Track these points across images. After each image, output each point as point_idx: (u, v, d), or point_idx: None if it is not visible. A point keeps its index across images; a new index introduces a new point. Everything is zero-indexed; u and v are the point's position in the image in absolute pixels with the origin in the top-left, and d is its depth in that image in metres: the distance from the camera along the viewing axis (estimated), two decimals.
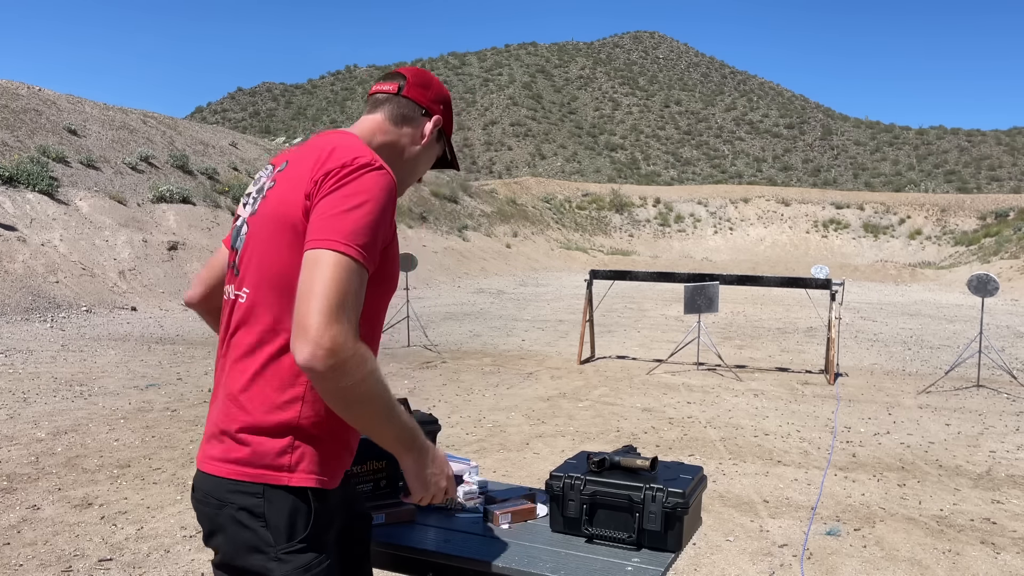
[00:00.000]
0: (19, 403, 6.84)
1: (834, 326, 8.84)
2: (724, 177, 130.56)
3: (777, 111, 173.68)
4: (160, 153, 19.99)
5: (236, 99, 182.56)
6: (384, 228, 1.47)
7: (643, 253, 38.90)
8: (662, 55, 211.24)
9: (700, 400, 7.78)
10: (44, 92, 20.15)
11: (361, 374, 1.38)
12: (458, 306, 16.40)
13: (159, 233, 16.12)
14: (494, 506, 2.14)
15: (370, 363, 1.39)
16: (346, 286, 1.38)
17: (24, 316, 11.25)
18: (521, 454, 5.71)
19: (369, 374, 1.39)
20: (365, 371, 1.38)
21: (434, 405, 7.15)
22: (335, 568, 1.54)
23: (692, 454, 5.84)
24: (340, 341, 1.35)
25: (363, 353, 1.38)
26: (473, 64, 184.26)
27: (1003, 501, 4.94)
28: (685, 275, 9.64)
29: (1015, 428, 6.85)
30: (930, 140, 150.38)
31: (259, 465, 1.49)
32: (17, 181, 14.62)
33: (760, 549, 4.10)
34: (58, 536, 4.04)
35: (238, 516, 1.49)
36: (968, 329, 14.23)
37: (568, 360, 9.94)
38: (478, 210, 32.79)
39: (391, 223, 1.51)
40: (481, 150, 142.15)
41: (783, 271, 29.56)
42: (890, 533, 4.36)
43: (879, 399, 7.98)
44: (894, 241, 40.77)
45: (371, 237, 1.43)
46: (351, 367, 1.36)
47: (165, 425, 6.26)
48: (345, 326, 1.36)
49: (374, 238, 1.44)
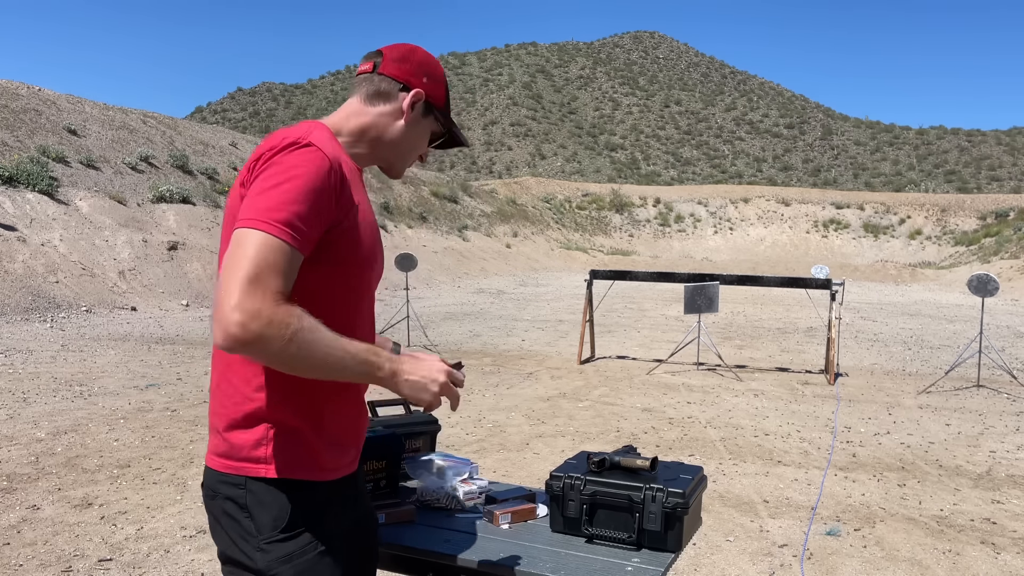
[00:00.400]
0: (19, 403, 6.84)
1: (834, 326, 8.84)
2: (724, 177, 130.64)
3: (777, 111, 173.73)
4: (160, 153, 19.99)
5: (236, 99, 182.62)
6: (314, 202, 1.42)
7: (643, 253, 38.91)
8: (662, 55, 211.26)
9: (700, 400, 7.78)
10: (44, 92, 20.16)
11: (284, 336, 1.33)
12: (458, 306, 16.40)
13: (159, 233, 16.12)
14: (494, 506, 2.14)
15: (293, 324, 1.34)
16: (260, 260, 1.35)
17: (24, 316, 11.25)
18: (521, 454, 5.71)
19: (295, 333, 1.34)
20: (288, 332, 1.33)
21: None
22: (328, 561, 1.52)
23: (692, 454, 5.83)
24: (249, 313, 1.31)
25: (281, 317, 1.33)
26: (473, 64, 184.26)
27: (1003, 501, 4.94)
28: (685, 275, 9.64)
29: (1015, 428, 6.85)
30: (930, 140, 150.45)
31: (238, 458, 1.50)
32: (17, 181, 14.62)
33: (760, 549, 4.10)
34: (58, 536, 4.04)
35: (226, 507, 1.51)
36: (968, 329, 14.23)
37: (568, 360, 9.94)
38: (478, 210, 32.79)
39: (332, 199, 1.46)
40: (481, 150, 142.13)
41: (783, 271, 29.57)
42: (890, 533, 4.36)
43: (879, 399, 7.98)
44: (894, 241, 40.78)
45: (292, 212, 1.39)
46: (271, 333, 1.32)
47: (165, 425, 6.26)
48: (256, 297, 1.33)
49: (297, 212, 1.39)
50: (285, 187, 1.40)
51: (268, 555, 1.48)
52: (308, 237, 1.41)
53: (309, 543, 1.50)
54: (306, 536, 1.50)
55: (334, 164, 1.47)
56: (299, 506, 1.50)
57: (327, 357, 1.38)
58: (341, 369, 1.41)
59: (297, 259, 1.40)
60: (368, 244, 1.57)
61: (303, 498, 1.51)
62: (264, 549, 1.48)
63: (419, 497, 2.20)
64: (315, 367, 1.39)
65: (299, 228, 1.39)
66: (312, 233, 1.42)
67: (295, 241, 1.38)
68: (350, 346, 1.42)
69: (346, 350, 1.41)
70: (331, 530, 1.55)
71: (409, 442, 2.43)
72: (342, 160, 1.54)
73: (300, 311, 1.36)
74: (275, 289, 1.35)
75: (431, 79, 1.67)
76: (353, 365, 1.42)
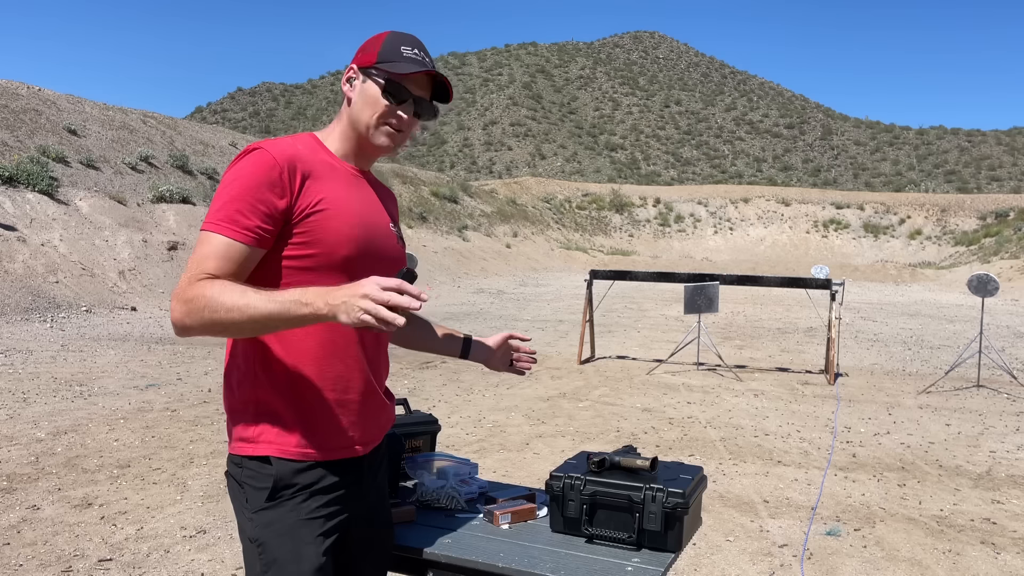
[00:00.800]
0: (19, 403, 6.84)
1: (834, 326, 8.84)
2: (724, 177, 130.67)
3: (777, 111, 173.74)
4: (160, 153, 19.99)
5: (236, 99, 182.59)
6: (255, 196, 1.53)
7: (643, 253, 38.91)
8: (662, 55, 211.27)
9: (700, 400, 7.78)
10: (44, 92, 20.16)
11: (198, 306, 1.47)
12: (458, 306, 16.40)
13: (159, 233, 16.12)
14: (494, 506, 2.14)
15: (204, 293, 1.47)
16: (198, 256, 1.52)
17: (24, 316, 11.25)
18: (521, 454, 5.71)
19: (209, 301, 1.47)
20: (203, 303, 1.47)
21: (434, 405, 7.15)
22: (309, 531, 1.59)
23: (692, 454, 5.84)
24: (174, 299, 1.50)
25: (190, 292, 1.48)
26: (473, 64, 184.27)
27: (1003, 501, 4.94)
28: (685, 275, 9.64)
29: (1015, 428, 6.85)
30: (930, 140, 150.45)
31: (237, 439, 1.66)
32: (17, 181, 14.62)
33: (760, 549, 4.10)
34: (58, 536, 4.04)
35: (230, 484, 1.68)
36: (968, 329, 14.23)
37: (568, 360, 9.94)
38: (478, 210, 32.80)
39: (280, 191, 1.55)
40: (481, 150, 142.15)
41: (783, 271, 29.57)
42: (890, 533, 4.36)
43: (879, 399, 7.98)
44: (894, 241, 40.79)
45: (232, 208, 1.53)
46: (184, 308, 1.49)
47: (165, 425, 6.26)
48: (180, 286, 1.50)
49: (237, 208, 1.53)
50: (228, 188, 1.56)
51: (254, 523, 1.61)
52: (251, 226, 1.53)
53: (291, 511, 1.60)
54: (288, 505, 1.60)
55: (281, 161, 1.57)
56: (284, 480, 1.61)
57: (241, 316, 1.47)
58: (260, 322, 1.48)
59: (237, 248, 1.53)
60: (344, 231, 1.62)
61: (287, 473, 1.61)
62: (252, 519, 1.62)
63: (419, 497, 2.20)
64: (237, 326, 1.49)
65: (238, 220, 1.53)
66: (256, 222, 1.54)
67: (233, 232, 1.52)
68: (270, 295, 1.48)
69: (258, 303, 1.47)
70: (318, 507, 1.62)
71: (409, 442, 2.43)
72: (305, 159, 1.63)
73: (209, 281, 1.49)
74: (200, 273, 1.50)
75: (362, 51, 1.72)
76: (273, 315, 1.47)
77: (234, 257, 1.53)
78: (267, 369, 1.63)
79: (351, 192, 1.69)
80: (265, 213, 1.55)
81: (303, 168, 1.60)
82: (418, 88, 1.71)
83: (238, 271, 1.54)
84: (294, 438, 1.62)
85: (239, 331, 1.51)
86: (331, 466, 1.65)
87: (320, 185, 1.62)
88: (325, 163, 1.68)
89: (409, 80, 1.69)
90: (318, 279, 1.59)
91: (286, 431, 1.62)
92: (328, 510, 1.64)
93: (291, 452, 1.62)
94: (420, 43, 1.73)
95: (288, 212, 1.57)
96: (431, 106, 1.75)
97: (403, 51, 1.68)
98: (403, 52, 1.68)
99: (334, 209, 1.62)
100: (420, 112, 1.73)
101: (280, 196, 1.56)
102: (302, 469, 1.62)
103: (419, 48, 1.71)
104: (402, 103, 1.69)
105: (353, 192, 1.69)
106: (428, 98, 1.74)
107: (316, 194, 1.60)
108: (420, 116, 1.74)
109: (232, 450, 1.67)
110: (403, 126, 1.71)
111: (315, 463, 1.63)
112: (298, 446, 1.62)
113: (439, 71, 1.71)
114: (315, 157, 1.67)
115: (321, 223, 1.60)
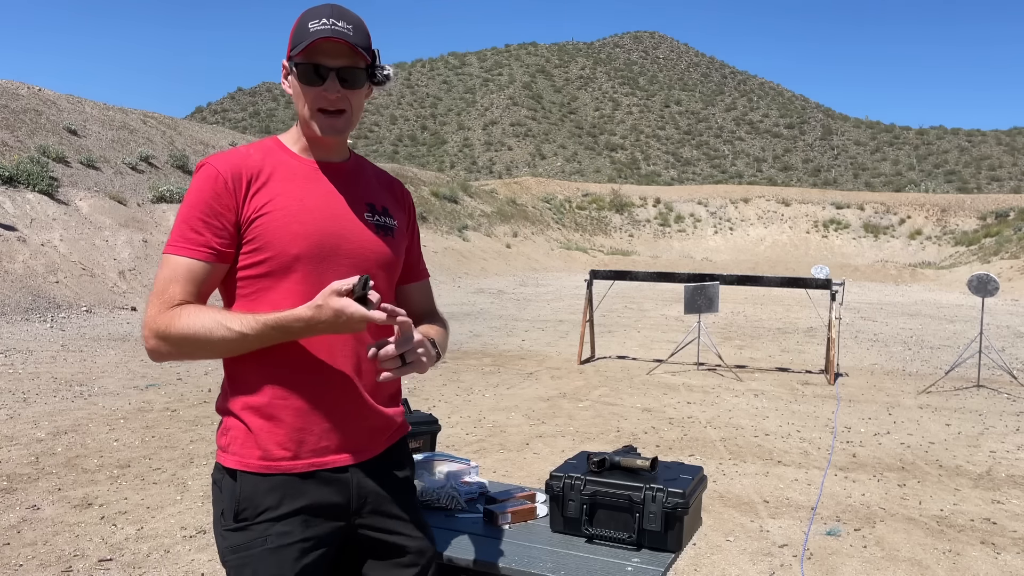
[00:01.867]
0: (19, 403, 6.84)
1: (834, 326, 8.84)
2: (724, 177, 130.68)
3: (777, 111, 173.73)
4: (160, 153, 19.99)
5: (236, 99, 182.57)
6: (203, 209, 1.55)
7: (643, 253, 38.90)
8: (662, 55, 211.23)
9: (700, 400, 7.78)
10: (44, 92, 20.15)
11: (175, 337, 1.49)
12: (458, 306, 16.40)
13: (159, 233, 16.12)
14: (494, 506, 2.14)
15: (176, 325, 1.49)
16: (159, 279, 1.55)
17: (24, 316, 11.25)
18: (521, 454, 5.71)
19: (182, 330, 1.48)
20: (176, 332, 1.49)
21: (434, 405, 7.15)
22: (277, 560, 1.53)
23: (692, 454, 5.83)
24: (146, 329, 1.53)
25: (160, 323, 1.50)
26: (473, 64, 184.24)
27: (1003, 501, 4.94)
28: (685, 275, 9.63)
29: (1015, 428, 6.85)
30: (930, 140, 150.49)
31: (216, 447, 1.66)
32: (17, 181, 14.61)
33: (760, 549, 4.10)
34: (58, 536, 4.03)
35: (213, 490, 1.65)
36: (968, 329, 14.23)
37: (568, 360, 9.94)
38: (478, 210, 32.79)
39: (227, 200, 1.55)
40: (481, 150, 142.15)
41: (783, 271, 29.57)
42: (890, 533, 4.36)
43: (879, 399, 7.98)
44: (894, 241, 40.78)
45: (184, 227, 1.55)
46: (157, 340, 1.51)
47: (165, 425, 6.26)
48: (148, 315, 1.53)
49: (189, 225, 1.55)
50: (182, 209, 1.58)
51: (224, 542, 1.58)
52: (203, 243, 1.54)
53: (256, 538, 1.55)
54: (255, 530, 1.55)
55: (225, 172, 1.57)
56: (247, 501, 1.56)
57: (218, 342, 1.49)
58: (234, 344, 1.50)
59: (195, 265, 1.54)
60: (293, 228, 1.57)
61: (252, 492, 1.57)
62: (223, 535, 1.59)
63: (419, 497, 2.20)
64: (210, 350, 1.51)
65: (191, 238, 1.54)
66: (210, 237, 1.55)
67: (188, 251, 1.54)
68: (243, 319, 1.49)
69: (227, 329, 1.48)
70: (288, 530, 1.55)
71: (409, 442, 2.43)
72: (255, 164, 1.60)
73: (179, 309, 1.50)
74: (168, 301, 1.52)
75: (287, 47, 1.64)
76: (247, 337, 1.49)
77: (195, 276, 1.54)
78: (237, 377, 1.61)
79: (308, 187, 1.62)
80: (217, 227, 1.55)
81: (250, 174, 1.58)
82: (338, 59, 1.55)
83: (202, 289, 1.55)
84: (257, 450, 1.58)
85: (215, 356, 1.53)
86: (307, 478, 1.58)
87: (271, 187, 1.59)
88: (281, 163, 1.63)
89: (320, 53, 1.54)
90: (274, 284, 1.57)
91: (250, 442, 1.58)
92: (306, 532, 1.56)
93: (253, 465, 1.57)
94: (335, 8, 1.56)
95: (238, 221, 1.57)
96: (362, 72, 1.58)
97: (310, 27, 1.54)
98: (310, 28, 1.54)
99: (282, 208, 1.58)
100: (350, 82, 1.57)
101: (227, 207, 1.56)
102: (270, 487, 1.56)
103: (329, 15, 1.54)
104: (323, 80, 1.55)
105: (311, 187, 1.63)
106: (361, 65, 1.58)
107: (265, 197, 1.58)
108: (353, 86, 1.58)
109: (217, 458, 1.66)
110: (337, 104, 1.57)
111: (283, 476, 1.57)
112: (262, 458, 1.58)
113: (345, 36, 1.53)
114: (269, 159, 1.63)
115: (268, 224, 1.56)
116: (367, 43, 1.59)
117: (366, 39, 1.59)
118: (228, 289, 1.62)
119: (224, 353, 1.54)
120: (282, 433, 1.58)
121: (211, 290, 1.58)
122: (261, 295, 1.58)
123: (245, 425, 1.59)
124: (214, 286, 1.58)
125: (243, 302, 1.59)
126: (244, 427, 1.59)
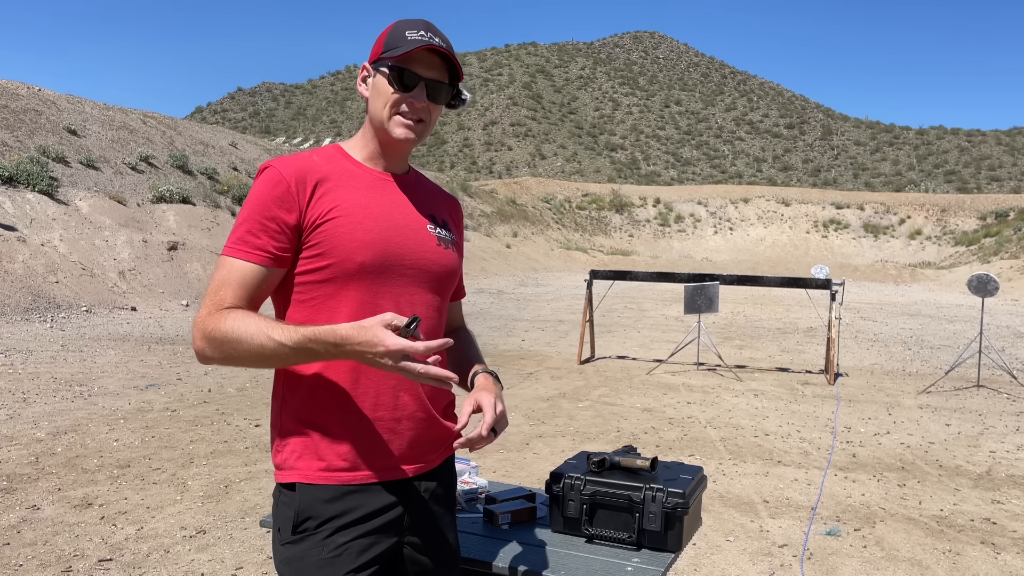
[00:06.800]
0: (19, 403, 6.84)
1: (834, 326, 8.84)
2: (724, 177, 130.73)
3: (777, 111, 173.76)
4: (160, 153, 19.99)
5: (236, 99, 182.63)
6: (263, 214, 1.53)
7: (643, 253, 38.91)
8: (662, 55, 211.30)
9: (700, 400, 7.78)
10: (44, 92, 20.15)
11: (218, 339, 1.47)
12: None
13: (159, 233, 16.12)
14: (494, 506, 2.14)
15: (220, 328, 1.47)
16: (214, 281, 1.54)
17: (24, 316, 11.25)
18: (521, 454, 5.71)
19: (225, 335, 1.47)
20: (219, 336, 1.47)
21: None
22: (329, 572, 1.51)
23: (692, 454, 5.83)
24: (195, 329, 1.51)
25: (209, 325, 1.48)
26: (473, 64, 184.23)
27: (1003, 501, 4.94)
28: (685, 275, 9.64)
29: (1015, 428, 6.85)
30: (930, 140, 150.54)
31: (274, 467, 1.64)
32: (17, 181, 14.61)
33: (760, 549, 4.10)
34: (58, 536, 4.03)
35: (273, 510, 1.64)
36: (968, 329, 14.23)
37: (568, 360, 9.94)
38: (478, 210, 32.79)
39: (288, 206, 1.54)
40: (481, 150, 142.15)
41: (783, 271, 29.57)
42: (890, 533, 4.36)
43: (879, 399, 7.98)
44: (894, 241, 40.79)
45: (244, 230, 1.54)
46: (204, 341, 1.49)
47: (165, 425, 6.26)
48: (200, 315, 1.51)
49: (248, 228, 1.54)
50: (242, 211, 1.57)
51: (278, 556, 1.57)
52: (261, 246, 1.53)
53: (314, 548, 1.52)
54: (312, 540, 1.53)
55: (288, 176, 1.55)
56: (306, 511, 1.55)
57: (259, 350, 1.46)
58: (277, 355, 1.46)
59: (250, 269, 1.53)
60: (358, 235, 1.56)
61: (311, 502, 1.54)
62: (279, 551, 1.57)
63: None
64: (256, 358, 1.48)
65: (249, 241, 1.53)
66: (268, 241, 1.53)
67: (245, 254, 1.53)
68: (284, 330, 1.46)
69: (275, 336, 1.45)
70: (348, 540, 1.53)
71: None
72: (319, 169, 1.59)
73: (227, 313, 1.48)
74: (219, 304, 1.51)
75: (373, 48, 1.65)
76: (294, 349, 1.44)
77: (249, 280, 1.52)
78: (294, 391, 1.58)
79: (372, 196, 1.62)
80: (275, 231, 1.52)
81: (314, 179, 1.56)
82: (429, 70, 1.60)
83: (255, 294, 1.53)
84: (317, 461, 1.56)
85: (256, 364, 1.49)
86: (365, 490, 1.57)
87: (335, 194, 1.57)
88: (345, 171, 1.62)
89: (414, 62, 1.58)
90: (334, 292, 1.55)
91: (309, 454, 1.56)
92: (363, 542, 1.54)
93: (312, 476, 1.55)
94: (430, 25, 1.62)
95: (299, 226, 1.54)
96: (447, 88, 1.63)
97: (407, 35, 1.58)
98: (407, 36, 1.58)
99: (347, 215, 1.56)
100: (434, 95, 1.61)
101: (289, 211, 1.53)
102: (330, 497, 1.55)
103: (426, 29, 1.60)
104: (412, 88, 1.59)
105: (375, 196, 1.62)
106: (446, 81, 1.62)
107: (329, 203, 1.56)
108: (436, 100, 1.62)
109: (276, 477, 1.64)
110: (419, 114, 1.61)
111: (344, 487, 1.55)
112: (321, 469, 1.55)
113: (446, 48, 1.59)
114: (333, 166, 1.62)
115: (333, 230, 1.55)
116: (456, 64, 1.64)
117: (456, 60, 1.64)
118: (284, 294, 1.59)
119: (263, 362, 1.49)
120: (344, 444, 1.56)
121: (265, 295, 1.56)
122: (319, 302, 1.56)
123: (305, 437, 1.57)
124: (269, 291, 1.56)
125: (299, 308, 1.57)
126: (303, 439, 1.57)
